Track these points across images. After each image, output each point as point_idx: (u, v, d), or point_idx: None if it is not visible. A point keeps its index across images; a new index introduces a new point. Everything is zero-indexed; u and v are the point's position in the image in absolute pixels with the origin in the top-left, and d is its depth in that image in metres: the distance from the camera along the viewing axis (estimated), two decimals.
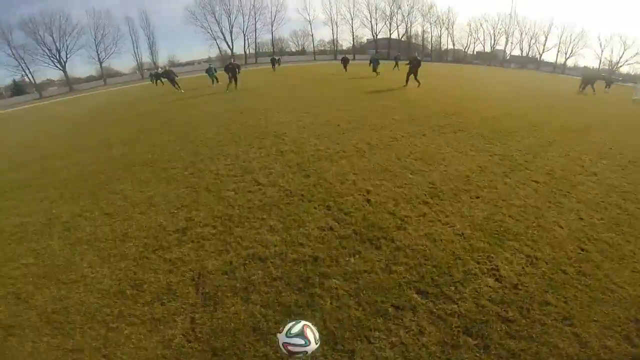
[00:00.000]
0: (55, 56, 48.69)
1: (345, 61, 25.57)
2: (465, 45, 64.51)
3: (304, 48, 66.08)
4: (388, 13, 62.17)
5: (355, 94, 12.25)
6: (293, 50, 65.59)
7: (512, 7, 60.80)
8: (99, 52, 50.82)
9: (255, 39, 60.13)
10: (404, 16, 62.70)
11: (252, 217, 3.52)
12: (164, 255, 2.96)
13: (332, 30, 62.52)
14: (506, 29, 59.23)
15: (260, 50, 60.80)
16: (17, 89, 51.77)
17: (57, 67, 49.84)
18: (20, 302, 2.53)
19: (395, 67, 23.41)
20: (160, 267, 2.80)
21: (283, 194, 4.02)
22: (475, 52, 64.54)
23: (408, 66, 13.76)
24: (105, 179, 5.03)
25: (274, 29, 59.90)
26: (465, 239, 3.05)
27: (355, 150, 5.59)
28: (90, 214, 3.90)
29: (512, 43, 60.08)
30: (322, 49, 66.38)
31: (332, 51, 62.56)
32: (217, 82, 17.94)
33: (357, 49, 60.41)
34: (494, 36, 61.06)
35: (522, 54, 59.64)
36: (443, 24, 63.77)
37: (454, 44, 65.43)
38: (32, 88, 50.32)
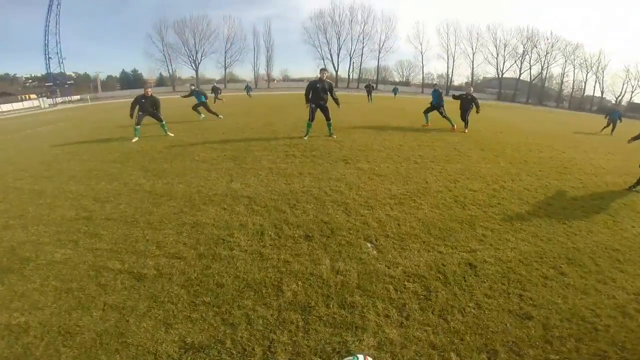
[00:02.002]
0: (192, 57, 54.08)
1: (368, 89, 21.55)
2: (619, 94, 48.15)
3: (408, 79, 59.69)
4: (520, 52, 50.92)
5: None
6: (396, 80, 59.77)
7: None
8: (226, 59, 54.51)
9: (361, 63, 56.42)
10: (539, 55, 50.47)
11: None
12: None
13: (447, 63, 54.34)
14: None
15: (364, 77, 56.70)
16: (160, 81, 60.05)
17: (191, 67, 55.48)
18: None
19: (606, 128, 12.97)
20: None
21: None
22: (629, 103, 47.37)
23: None
24: None
25: (380, 55, 55.07)
26: None
27: None
28: None
29: None
30: (429, 82, 58.79)
31: (443, 86, 53.92)
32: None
33: (475, 87, 51.12)
34: None
35: None
36: (591, 67, 49.04)
37: (602, 92, 49.86)
38: (170, 82, 57.07)
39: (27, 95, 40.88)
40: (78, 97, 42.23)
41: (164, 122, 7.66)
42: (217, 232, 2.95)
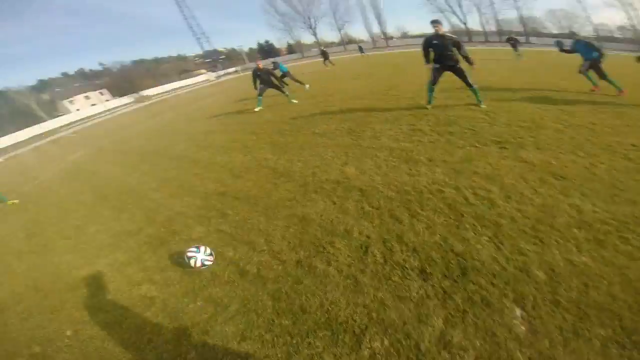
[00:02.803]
0: (307, 22, 55.89)
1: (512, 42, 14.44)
2: None
3: (571, 31, 42.99)
4: None
5: None
6: (554, 32, 44.51)
7: None
8: (336, 20, 54.55)
9: (495, 14, 43.95)
10: None
11: None
12: None
13: (629, 12, 35.97)
14: None
15: (504, 29, 44.78)
16: (290, 49, 65.12)
17: (310, 32, 58.41)
18: None
19: None
20: None
21: None
22: None
23: None
24: None
25: (519, 4, 40.48)
26: None
27: None
28: None
29: None
30: (605, 35, 41.34)
31: (626, 39, 36.11)
32: None
33: None
34: None
35: None
36: None
37: None
38: (297, 49, 61.41)
39: (199, 71, 53.44)
40: (233, 69, 51.80)
41: (286, 93, 8.13)
42: (320, 234, 2.58)
